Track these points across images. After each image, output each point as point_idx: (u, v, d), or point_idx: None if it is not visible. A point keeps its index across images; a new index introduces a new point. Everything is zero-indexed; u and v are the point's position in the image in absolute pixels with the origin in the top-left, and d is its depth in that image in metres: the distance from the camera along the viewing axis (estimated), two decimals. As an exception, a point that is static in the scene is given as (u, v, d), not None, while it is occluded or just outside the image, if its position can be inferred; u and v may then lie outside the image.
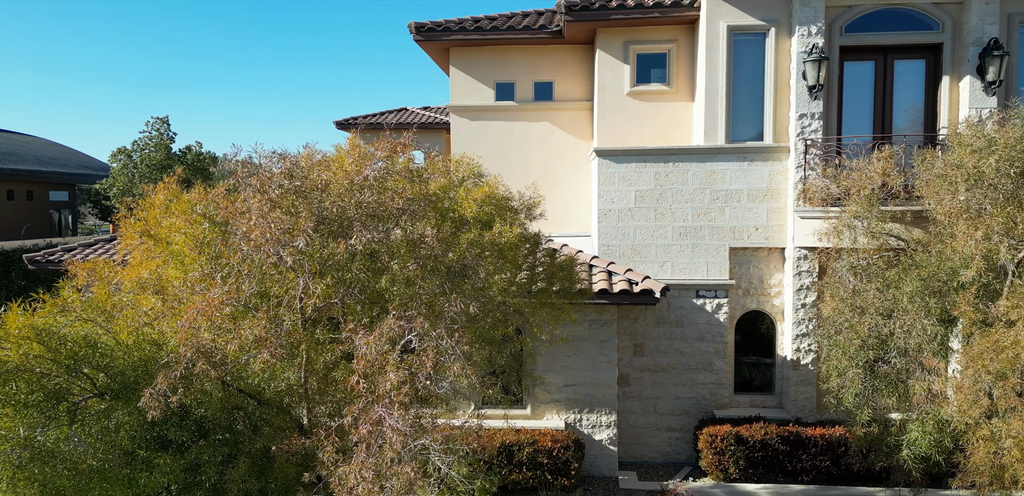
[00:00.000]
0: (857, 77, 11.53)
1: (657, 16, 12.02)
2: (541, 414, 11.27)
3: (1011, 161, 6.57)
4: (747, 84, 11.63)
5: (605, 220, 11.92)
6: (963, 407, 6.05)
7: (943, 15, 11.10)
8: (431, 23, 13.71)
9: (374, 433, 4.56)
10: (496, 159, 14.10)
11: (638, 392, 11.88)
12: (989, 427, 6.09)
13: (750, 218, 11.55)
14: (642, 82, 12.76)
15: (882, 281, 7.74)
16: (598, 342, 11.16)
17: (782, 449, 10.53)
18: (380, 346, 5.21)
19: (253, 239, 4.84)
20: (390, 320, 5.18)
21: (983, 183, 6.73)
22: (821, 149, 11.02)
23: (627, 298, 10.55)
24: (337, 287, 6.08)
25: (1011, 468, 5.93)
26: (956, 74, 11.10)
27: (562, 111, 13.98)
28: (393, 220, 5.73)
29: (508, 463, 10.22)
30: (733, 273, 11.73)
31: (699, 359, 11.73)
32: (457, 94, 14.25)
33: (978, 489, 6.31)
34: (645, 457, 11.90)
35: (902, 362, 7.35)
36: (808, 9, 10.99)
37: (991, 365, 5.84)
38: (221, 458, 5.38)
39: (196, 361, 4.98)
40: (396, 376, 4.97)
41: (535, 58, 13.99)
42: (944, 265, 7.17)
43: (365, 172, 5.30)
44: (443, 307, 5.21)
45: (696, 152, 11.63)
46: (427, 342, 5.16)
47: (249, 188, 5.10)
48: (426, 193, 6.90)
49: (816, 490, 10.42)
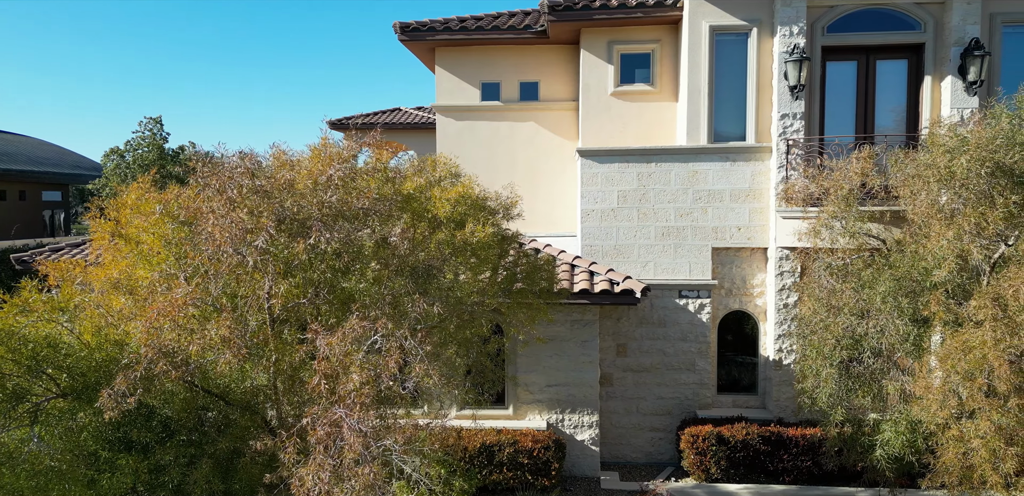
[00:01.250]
0: (840, 77, 11.52)
1: (640, 16, 12.02)
2: (523, 414, 11.25)
3: (982, 161, 6.56)
4: (730, 84, 11.62)
5: (588, 220, 11.91)
6: (932, 408, 6.05)
7: (925, 15, 11.10)
8: (416, 23, 13.69)
9: (332, 434, 4.55)
10: (482, 159, 14.11)
11: (621, 392, 11.87)
12: (959, 427, 6.08)
13: (732, 218, 11.55)
14: (626, 82, 12.75)
15: (858, 281, 7.74)
16: (580, 342, 11.15)
17: (763, 449, 10.52)
18: (344, 346, 5.20)
19: (214, 239, 4.82)
20: (353, 321, 5.17)
21: (955, 183, 6.73)
22: (803, 149, 11.01)
23: (608, 298, 10.54)
24: (306, 287, 6.07)
25: (980, 468, 5.92)
26: (938, 74, 11.10)
27: (548, 111, 13.97)
28: (359, 220, 5.71)
29: (489, 463, 10.20)
30: (716, 273, 11.73)
31: (682, 359, 11.72)
32: (443, 94, 14.24)
33: (948, 489, 6.30)
34: (628, 457, 11.89)
35: (876, 362, 7.34)
36: (790, 9, 10.99)
37: (959, 365, 5.83)
38: (185, 459, 5.36)
39: (157, 361, 4.96)
40: (359, 377, 4.95)
41: (521, 58, 13.97)
42: (918, 265, 7.16)
43: (329, 171, 5.28)
44: (407, 307, 5.19)
45: (678, 152, 11.62)
46: (391, 342, 5.13)
47: (209, 188, 5.08)
48: (396, 192, 6.89)
49: (797, 490, 10.42)
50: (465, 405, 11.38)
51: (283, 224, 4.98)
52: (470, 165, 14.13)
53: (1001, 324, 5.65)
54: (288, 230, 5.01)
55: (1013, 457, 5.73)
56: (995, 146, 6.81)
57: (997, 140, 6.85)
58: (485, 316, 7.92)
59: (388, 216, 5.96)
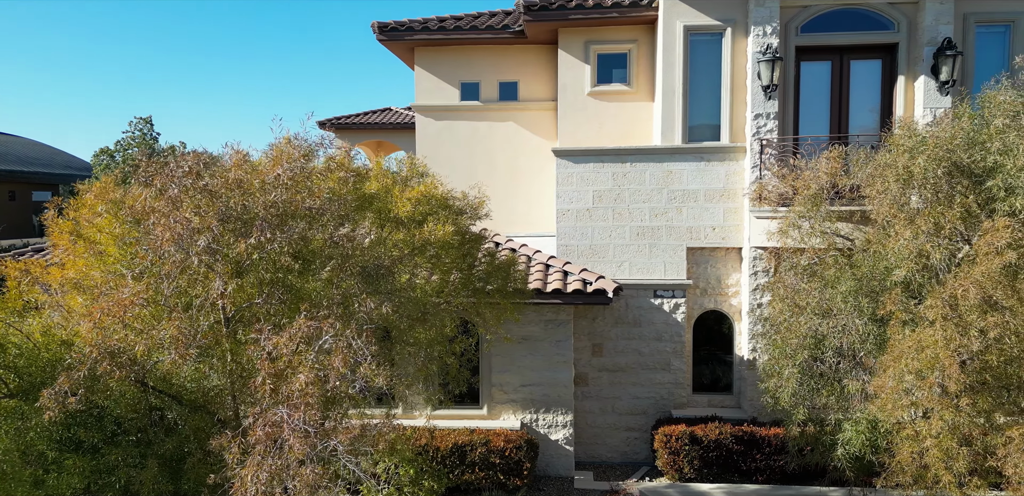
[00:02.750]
0: (814, 77, 11.54)
1: (616, 16, 12.02)
2: (498, 414, 11.25)
3: (939, 161, 6.57)
4: (705, 84, 11.63)
5: (564, 220, 11.91)
6: (887, 407, 6.05)
7: (898, 15, 11.11)
8: (395, 23, 13.68)
9: (272, 434, 4.54)
10: (462, 159, 14.11)
11: (597, 392, 11.87)
12: (913, 427, 6.09)
13: (707, 218, 11.56)
14: (603, 82, 12.76)
15: (822, 281, 7.75)
16: (554, 342, 11.15)
17: (736, 449, 10.53)
18: (293, 346, 5.20)
19: (156, 239, 4.81)
20: (300, 321, 5.16)
21: (913, 183, 6.74)
22: (776, 149, 11.02)
23: (580, 298, 10.55)
24: (261, 287, 6.07)
25: (933, 468, 5.93)
26: (911, 74, 11.12)
27: (527, 111, 13.96)
28: (312, 219, 5.71)
29: (461, 463, 10.20)
30: (691, 273, 11.73)
31: (657, 359, 11.73)
32: (422, 94, 14.23)
33: (903, 489, 6.32)
34: (604, 457, 11.89)
35: (838, 362, 7.35)
36: (763, 9, 11.00)
37: (912, 365, 5.84)
38: (133, 460, 5.35)
39: (101, 361, 4.95)
40: (305, 377, 4.95)
41: (500, 58, 13.97)
42: (879, 265, 7.18)
43: (277, 171, 5.27)
44: (355, 308, 5.19)
45: (653, 152, 11.63)
46: (340, 342, 5.13)
47: (151, 188, 5.08)
48: (357, 192, 6.89)
49: (770, 490, 10.43)
50: (440, 405, 11.40)
51: (227, 224, 4.97)
52: (449, 165, 14.15)
53: (951, 324, 5.66)
54: (233, 230, 5.01)
55: (965, 457, 5.74)
56: (953, 146, 6.82)
57: (956, 140, 6.87)
58: (449, 316, 7.94)
59: (343, 215, 5.95)
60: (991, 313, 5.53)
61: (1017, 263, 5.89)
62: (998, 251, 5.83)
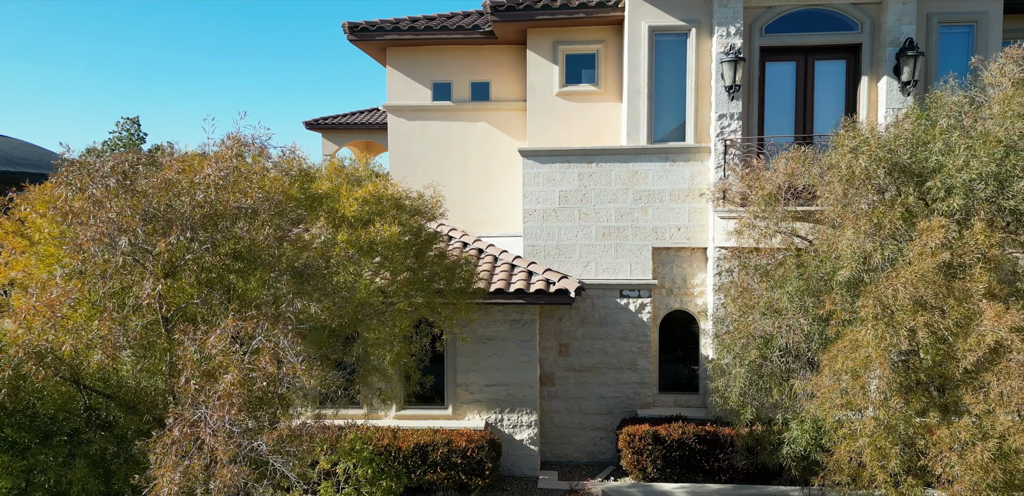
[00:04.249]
0: (779, 77, 11.57)
1: (583, 16, 12.04)
2: (463, 414, 11.26)
3: (880, 161, 6.59)
4: (670, 84, 11.66)
5: (530, 220, 11.92)
6: (824, 406, 6.07)
7: (862, 15, 11.15)
8: (365, 23, 13.69)
9: (190, 435, 4.54)
10: (434, 160, 14.13)
11: (563, 392, 11.88)
12: (850, 426, 6.11)
13: (672, 218, 11.58)
14: (572, 82, 12.77)
15: (771, 280, 7.77)
16: (519, 342, 11.16)
17: (699, 448, 10.54)
18: (223, 346, 5.20)
19: (77, 238, 4.82)
20: (228, 321, 5.16)
21: (855, 183, 6.76)
22: (740, 149, 11.05)
23: (543, 298, 10.57)
24: (200, 287, 6.07)
25: (870, 467, 5.95)
26: (875, 74, 11.16)
27: (499, 111, 13.98)
28: (247, 219, 5.71)
29: (423, 463, 10.21)
30: (656, 273, 11.75)
31: (623, 359, 11.74)
32: (394, 94, 14.24)
33: (839, 488, 6.34)
34: (571, 457, 11.91)
35: (786, 361, 7.37)
36: (727, 10, 11.02)
37: (847, 364, 5.86)
38: (62, 460, 5.34)
39: (27, 361, 4.95)
40: (231, 377, 4.95)
41: (472, 58, 13.98)
42: (826, 265, 7.20)
43: (206, 170, 5.28)
44: (283, 308, 5.19)
45: (619, 153, 11.65)
46: (267, 343, 5.14)
47: (71, 187, 5.08)
48: (297, 191, 6.90)
49: (732, 489, 10.45)
50: (406, 405, 11.43)
51: (150, 224, 4.97)
52: (423, 165, 14.19)
53: (881, 323, 5.68)
54: (155, 230, 5.01)
55: (898, 455, 5.76)
56: (895, 146, 6.84)
57: (899, 140, 6.89)
58: (403, 316, 7.95)
59: (282, 214, 5.96)
60: (921, 313, 5.55)
61: (953, 263, 5.91)
62: (932, 252, 5.85)
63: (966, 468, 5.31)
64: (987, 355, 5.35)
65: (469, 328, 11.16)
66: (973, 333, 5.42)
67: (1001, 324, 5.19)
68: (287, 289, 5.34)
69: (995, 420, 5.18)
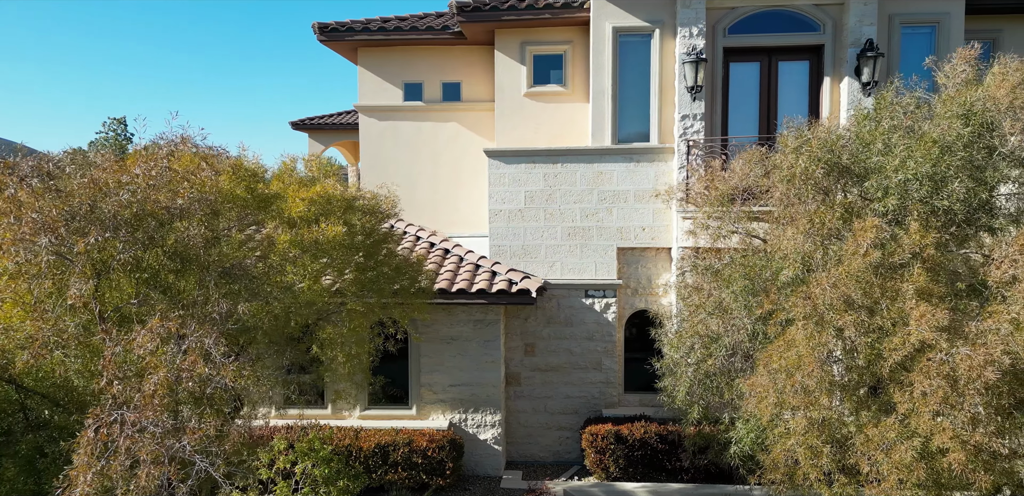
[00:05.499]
0: (743, 78, 11.60)
1: (548, 17, 12.06)
2: (427, 414, 11.27)
3: (818, 161, 6.63)
4: (634, 85, 11.69)
5: (496, 220, 11.94)
6: (761, 405, 6.10)
7: (824, 17, 11.19)
8: (336, 23, 13.69)
9: (106, 436, 4.56)
10: (406, 160, 14.14)
11: (529, 392, 11.91)
12: (785, 425, 6.15)
13: (637, 219, 11.61)
14: (539, 83, 12.79)
15: (721, 280, 7.80)
16: (483, 342, 11.18)
17: (661, 448, 10.57)
18: (152, 346, 5.22)
19: (1, 239, 4.83)
20: (154, 321, 5.18)
21: (795, 183, 6.80)
22: (703, 150, 11.08)
23: (505, 298, 10.59)
24: (137, 287, 6.08)
25: (803, 465, 5.98)
26: (837, 75, 11.20)
27: (470, 111, 13.99)
28: (184, 218, 5.72)
29: (384, 463, 10.22)
30: (621, 273, 11.78)
31: (589, 358, 11.77)
32: (365, 94, 14.24)
33: (775, 486, 6.37)
34: (537, 456, 11.93)
35: (732, 360, 7.40)
36: (689, 10, 11.06)
37: (780, 363, 5.89)
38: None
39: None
40: (157, 377, 4.97)
41: (442, 58, 14.00)
42: (771, 264, 7.23)
43: (135, 170, 5.29)
44: (210, 308, 5.21)
45: (584, 153, 11.67)
46: (193, 343, 5.15)
47: (-8, 188, 5.10)
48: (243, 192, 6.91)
49: (694, 489, 10.48)
50: (371, 405, 11.45)
51: (72, 224, 4.98)
52: (394, 165, 14.20)
53: (811, 322, 5.72)
54: (77, 230, 5.03)
55: (829, 454, 5.80)
56: (837, 147, 6.88)
57: (841, 141, 6.93)
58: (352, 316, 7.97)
59: (216, 214, 5.97)
60: (849, 312, 5.58)
61: (886, 263, 5.94)
62: (864, 251, 5.88)
63: (892, 467, 5.34)
64: (912, 354, 5.38)
65: (433, 328, 11.20)
66: (899, 332, 5.46)
67: (923, 323, 5.22)
68: (213, 290, 5.35)
69: (920, 419, 5.21)
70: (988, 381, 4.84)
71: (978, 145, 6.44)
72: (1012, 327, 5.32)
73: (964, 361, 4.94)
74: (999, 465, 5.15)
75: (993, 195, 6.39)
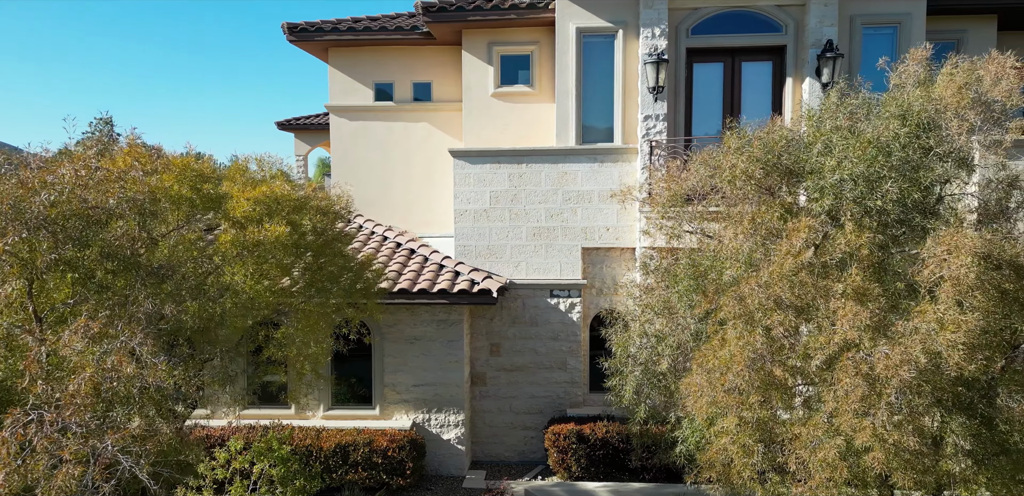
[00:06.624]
0: (707, 78, 11.65)
1: (514, 17, 12.08)
2: (390, 414, 11.29)
3: (757, 161, 6.66)
4: (599, 86, 11.72)
5: (462, 220, 11.96)
6: (697, 405, 6.13)
7: (786, 17, 11.23)
8: (305, 23, 13.70)
9: (22, 437, 4.57)
10: (377, 160, 14.15)
11: (495, 391, 11.93)
12: (720, 423, 6.17)
13: (601, 219, 11.64)
14: (507, 83, 12.81)
15: (669, 280, 7.83)
16: (446, 342, 11.20)
17: (623, 447, 10.60)
18: (84, 346, 5.23)
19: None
20: (81, 321, 5.19)
21: (736, 183, 6.83)
22: (666, 150, 11.12)
23: (466, 298, 10.60)
24: (74, 287, 6.09)
25: (736, 464, 6.01)
26: (798, 76, 11.24)
27: (440, 112, 14.00)
28: (114, 219, 5.73)
29: (344, 463, 10.23)
30: (586, 273, 11.81)
31: (554, 358, 11.80)
32: (336, 94, 14.25)
33: (710, 485, 6.40)
34: (502, 456, 11.95)
35: (678, 360, 7.43)
36: (652, 11, 11.09)
37: (713, 362, 5.92)
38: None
39: None
40: (80, 377, 4.98)
41: (413, 59, 14.01)
42: (716, 264, 7.26)
43: (60, 171, 5.31)
44: (135, 309, 5.22)
45: (548, 153, 11.70)
46: (119, 343, 5.16)
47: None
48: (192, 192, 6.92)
49: (655, 488, 10.50)
50: (335, 405, 11.46)
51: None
52: (365, 166, 14.21)
53: (741, 322, 5.74)
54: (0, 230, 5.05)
55: (759, 453, 5.82)
56: (779, 148, 6.90)
57: (781, 141, 6.96)
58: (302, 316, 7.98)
59: (152, 214, 5.98)
60: (777, 311, 5.61)
61: (817, 262, 5.97)
62: (796, 251, 5.91)
63: (817, 465, 5.37)
64: (838, 354, 5.41)
65: (396, 328, 11.22)
66: (825, 331, 5.49)
67: (844, 323, 5.25)
68: (139, 289, 5.37)
69: (843, 418, 5.24)
70: (904, 380, 4.87)
71: (915, 145, 6.47)
72: (938, 326, 5.35)
73: (881, 360, 4.98)
74: (921, 463, 5.18)
75: (928, 195, 6.41)
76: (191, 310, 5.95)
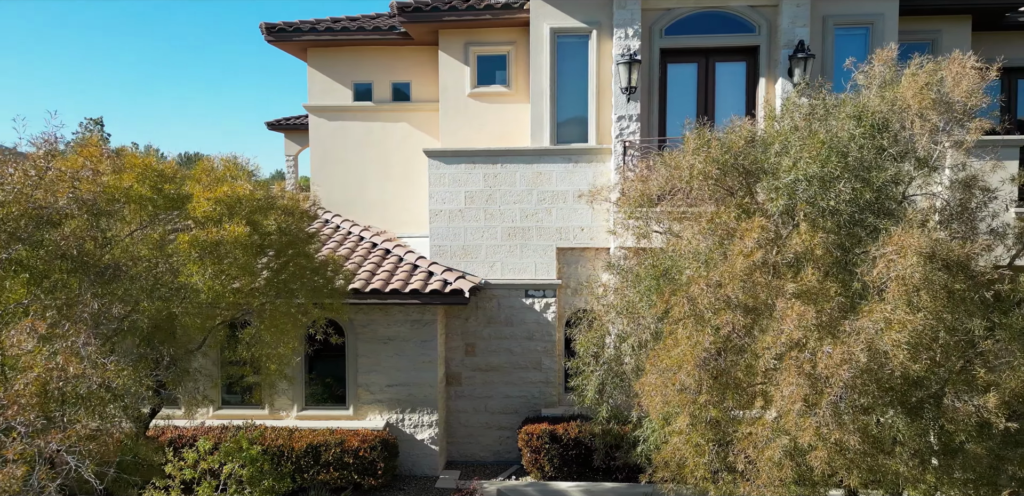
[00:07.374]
0: (681, 78, 11.67)
1: (490, 18, 12.09)
2: (364, 414, 11.29)
3: (714, 161, 6.68)
4: (573, 86, 11.74)
5: (437, 220, 11.97)
6: (651, 404, 6.14)
7: (759, 18, 11.26)
8: (283, 24, 13.69)
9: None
10: (356, 160, 14.16)
11: (470, 391, 11.93)
12: (673, 423, 6.19)
13: (576, 219, 11.65)
14: (483, 83, 12.82)
15: (633, 279, 7.85)
16: (420, 342, 11.20)
17: (595, 447, 10.60)
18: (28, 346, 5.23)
19: None
20: (26, 320, 5.19)
21: (694, 183, 6.85)
22: (639, 151, 11.14)
23: (438, 298, 10.61)
24: (29, 287, 6.09)
25: (689, 463, 6.03)
26: (771, 76, 11.27)
27: (419, 112, 14.00)
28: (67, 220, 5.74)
29: (315, 463, 10.23)
30: (561, 273, 11.83)
31: (529, 358, 11.81)
32: (315, 94, 14.26)
33: (663, 484, 6.42)
34: (478, 456, 11.96)
35: (640, 360, 7.45)
36: (625, 11, 11.11)
37: (666, 362, 5.94)
38: None
39: None
40: (25, 377, 4.99)
41: (391, 59, 14.02)
42: (676, 264, 7.28)
43: (8, 170, 5.32)
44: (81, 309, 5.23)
45: (523, 154, 11.71)
46: (65, 343, 5.17)
47: None
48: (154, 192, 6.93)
49: (627, 488, 10.52)
50: (308, 405, 11.46)
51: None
52: (344, 166, 14.21)
53: (690, 321, 5.76)
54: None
55: (711, 452, 5.84)
56: (739, 148, 6.93)
57: (740, 142, 6.98)
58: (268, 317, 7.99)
59: (107, 214, 5.99)
60: (726, 311, 5.63)
61: (769, 262, 5.99)
62: (748, 251, 5.93)
63: (764, 463, 5.39)
64: (785, 353, 5.43)
65: (370, 328, 11.23)
66: (773, 331, 5.51)
67: (789, 322, 5.28)
68: (86, 289, 5.38)
69: (788, 417, 5.26)
70: (845, 379, 4.89)
71: (870, 146, 6.50)
72: (884, 325, 5.38)
73: (823, 359, 5.00)
74: (864, 462, 5.20)
75: (881, 196, 6.44)
76: (147, 310, 5.95)
